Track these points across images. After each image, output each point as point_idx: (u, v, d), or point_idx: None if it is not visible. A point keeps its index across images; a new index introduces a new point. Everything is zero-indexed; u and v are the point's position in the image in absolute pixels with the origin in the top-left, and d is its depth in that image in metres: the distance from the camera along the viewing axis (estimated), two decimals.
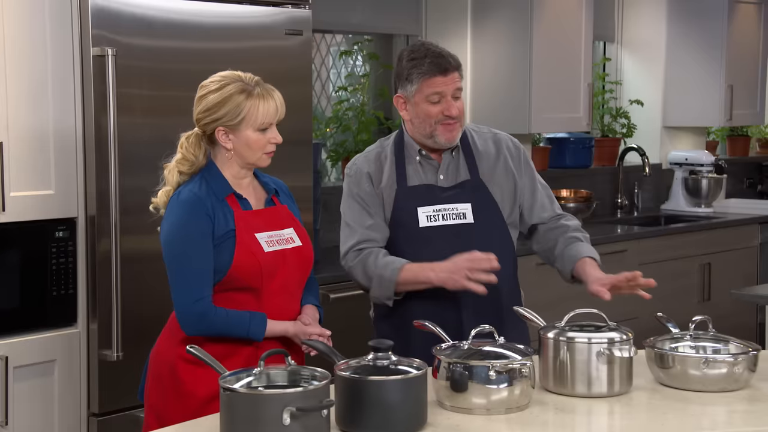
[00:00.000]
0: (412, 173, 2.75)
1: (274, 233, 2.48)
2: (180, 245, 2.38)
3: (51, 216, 3.13)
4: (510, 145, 2.84)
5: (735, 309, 5.19)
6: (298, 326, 2.47)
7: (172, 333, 2.46)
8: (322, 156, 4.61)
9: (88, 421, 3.21)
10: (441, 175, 2.75)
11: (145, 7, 3.22)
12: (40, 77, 3.09)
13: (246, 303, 2.43)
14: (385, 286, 2.65)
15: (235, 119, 2.41)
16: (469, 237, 2.68)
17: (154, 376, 2.48)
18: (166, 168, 2.48)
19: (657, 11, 6.09)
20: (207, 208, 2.39)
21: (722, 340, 2.45)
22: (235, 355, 2.39)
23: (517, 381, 2.18)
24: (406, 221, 2.72)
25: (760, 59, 6.29)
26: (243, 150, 2.44)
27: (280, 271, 2.46)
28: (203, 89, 2.45)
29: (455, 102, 2.69)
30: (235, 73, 2.45)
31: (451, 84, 2.68)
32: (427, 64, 2.67)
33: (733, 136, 6.99)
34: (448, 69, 2.68)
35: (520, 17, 4.98)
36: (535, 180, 2.86)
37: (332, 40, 4.94)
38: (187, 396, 2.39)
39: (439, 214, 2.71)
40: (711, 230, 5.60)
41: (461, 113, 2.73)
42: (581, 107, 5.25)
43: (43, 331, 3.13)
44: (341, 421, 2.06)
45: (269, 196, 2.55)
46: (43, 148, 3.11)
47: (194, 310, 2.37)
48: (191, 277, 2.37)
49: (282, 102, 2.46)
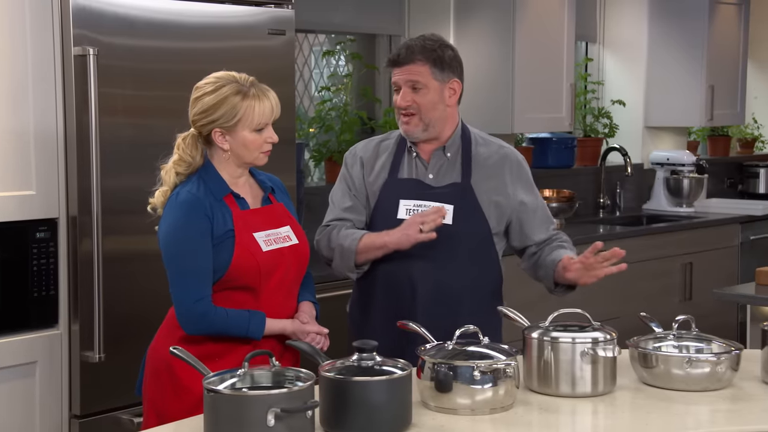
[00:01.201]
0: (405, 167, 2.77)
1: (271, 232, 2.49)
2: (179, 246, 2.39)
3: (32, 216, 3.11)
4: (513, 159, 2.81)
5: (716, 308, 5.21)
6: (296, 324, 2.49)
7: (170, 330, 2.47)
8: (305, 156, 4.61)
9: (70, 423, 3.19)
10: (431, 174, 2.76)
11: (127, 6, 3.20)
12: (21, 77, 3.06)
13: (244, 302, 2.45)
14: (345, 255, 2.70)
15: (232, 120, 2.41)
16: (446, 238, 2.68)
17: (151, 372, 2.49)
18: (163, 168, 2.49)
19: (638, 12, 6.12)
20: (206, 209, 2.40)
21: (705, 340, 2.47)
22: (233, 353, 2.41)
23: (501, 381, 2.18)
24: (387, 211, 2.73)
25: (741, 60, 6.33)
26: (240, 150, 2.45)
27: (278, 269, 2.47)
28: (198, 91, 2.45)
29: (412, 94, 2.69)
30: (229, 73, 2.45)
31: (404, 74, 2.70)
32: (392, 54, 2.74)
33: (713, 136, 7.03)
34: (400, 60, 2.70)
35: (503, 18, 4.99)
36: (537, 200, 2.83)
37: (315, 40, 4.94)
38: (184, 392, 2.40)
39: (419, 209, 2.71)
40: (692, 230, 5.62)
41: (419, 106, 2.70)
42: (564, 107, 5.26)
43: (25, 333, 3.11)
44: (326, 422, 2.05)
45: (266, 194, 2.56)
46: (23, 149, 3.08)
47: (195, 310, 2.39)
48: (191, 277, 2.38)
49: (277, 101, 2.47)
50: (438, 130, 2.75)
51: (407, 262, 2.68)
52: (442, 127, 2.76)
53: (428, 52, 2.70)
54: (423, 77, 2.70)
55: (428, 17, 5.12)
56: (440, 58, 2.71)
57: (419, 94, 2.70)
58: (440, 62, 2.71)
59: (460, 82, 2.76)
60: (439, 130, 2.75)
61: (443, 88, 2.73)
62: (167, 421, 2.29)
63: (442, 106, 2.73)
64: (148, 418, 2.47)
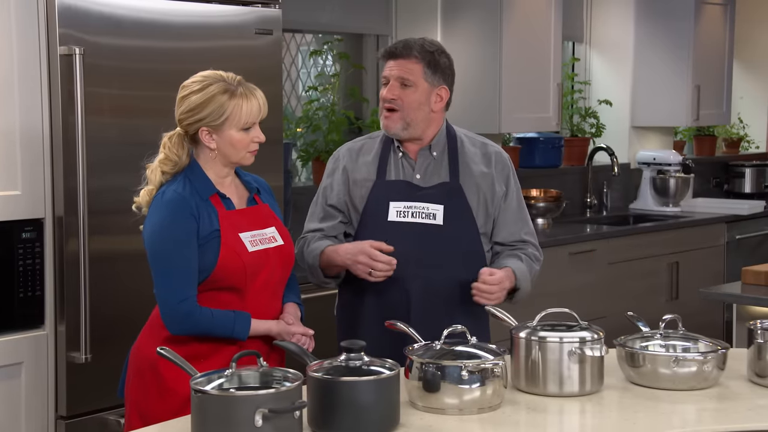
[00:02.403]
0: (393, 167, 2.77)
1: (257, 233, 2.48)
2: (165, 245, 2.38)
3: (17, 217, 3.09)
4: (498, 157, 2.81)
5: (703, 307, 5.23)
6: (282, 326, 2.48)
7: (154, 330, 2.45)
8: (293, 156, 4.60)
9: (56, 424, 3.18)
10: (418, 175, 2.76)
11: (114, 5, 3.19)
12: (6, 76, 3.05)
13: (229, 302, 2.43)
14: (313, 272, 2.76)
15: (219, 119, 2.40)
16: (436, 238, 2.69)
17: (135, 373, 2.47)
18: (149, 168, 2.47)
19: (625, 12, 6.14)
20: (191, 208, 2.39)
21: (692, 339, 2.47)
22: (218, 354, 2.40)
23: (489, 381, 2.19)
24: (377, 214, 2.73)
25: (726, 60, 6.36)
26: (227, 149, 2.43)
27: (264, 270, 2.47)
28: (185, 89, 2.44)
29: (399, 89, 2.70)
30: (216, 72, 2.44)
31: (396, 68, 2.71)
32: (390, 46, 2.75)
33: (699, 136, 7.06)
34: (397, 52, 2.71)
35: (490, 18, 4.99)
36: (513, 199, 2.81)
37: (302, 40, 4.93)
38: (169, 393, 2.39)
39: (409, 210, 2.71)
40: (679, 229, 5.64)
41: (403, 103, 2.70)
42: (551, 107, 5.27)
43: (10, 333, 3.09)
44: (314, 423, 2.05)
45: (251, 194, 2.55)
46: (9, 148, 3.07)
47: (180, 310, 2.37)
48: (176, 277, 2.37)
49: (264, 101, 2.46)
50: (420, 131, 2.75)
51: (400, 263, 2.65)
52: (425, 129, 2.75)
53: (425, 53, 2.71)
54: (414, 75, 2.70)
55: (415, 17, 5.12)
56: (435, 62, 2.72)
57: (406, 91, 2.71)
58: (434, 65, 2.72)
59: (448, 91, 2.77)
60: (421, 131, 2.75)
61: (431, 91, 2.73)
62: (151, 423, 2.27)
63: (426, 108, 2.73)
64: (131, 420, 2.45)
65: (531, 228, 2.86)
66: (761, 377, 2.42)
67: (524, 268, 2.74)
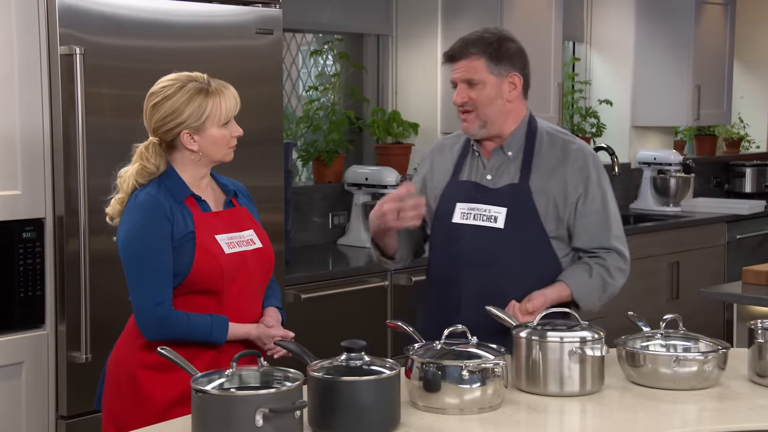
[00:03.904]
0: (467, 168, 2.74)
1: (234, 235, 2.45)
2: (138, 248, 2.34)
3: (18, 216, 3.09)
4: (577, 157, 2.67)
5: (703, 307, 5.23)
6: (261, 329, 2.44)
7: (131, 339, 2.42)
8: (293, 156, 4.60)
9: (57, 424, 3.18)
10: (489, 175, 2.70)
11: (114, 5, 3.19)
12: (7, 76, 3.05)
13: (207, 306, 2.40)
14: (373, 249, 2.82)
15: (200, 120, 2.37)
16: (495, 242, 2.63)
17: (112, 383, 2.43)
18: (121, 177, 2.43)
19: (625, 12, 6.14)
20: (165, 210, 2.35)
21: (692, 339, 2.47)
22: (197, 359, 2.33)
23: (489, 381, 2.18)
24: (446, 214, 2.72)
25: (727, 60, 6.36)
26: (209, 148, 2.40)
27: (242, 273, 2.43)
28: (157, 96, 2.39)
29: (467, 90, 2.63)
30: (183, 74, 2.41)
31: (459, 71, 2.65)
32: (448, 48, 2.70)
33: (700, 135, 7.06)
34: (454, 56, 2.66)
35: (490, 17, 4.98)
36: (595, 201, 2.66)
37: (302, 40, 4.93)
38: (147, 402, 2.36)
39: (472, 212, 2.67)
40: (679, 229, 5.64)
41: (475, 102, 2.63)
42: (551, 107, 5.27)
43: (11, 333, 3.10)
44: (314, 422, 2.05)
45: (228, 197, 2.51)
46: (9, 148, 3.07)
47: (155, 314, 2.34)
48: (151, 280, 2.33)
49: (237, 94, 2.44)
50: (498, 126, 2.67)
51: (459, 265, 2.65)
52: (502, 124, 2.67)
53: (483, 45, 2.62)
54: (478, 73, 2.62)
55: (416, 17, 5.12)
56: (497, 52, 2.63)
57: (475, 90, 2.63)
58: (496, 56, 2.63)
59: (520, 76, 2.67)
60: (499, 126, 2.67)
61: (501, 82, 2.64)
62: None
63: (500, 101, 2.65)
64: (107, 430, 2.42)
65: (618, 233, 2.72)
66: (762, 377, 2.42)
67: (587, 282, 2.65)
